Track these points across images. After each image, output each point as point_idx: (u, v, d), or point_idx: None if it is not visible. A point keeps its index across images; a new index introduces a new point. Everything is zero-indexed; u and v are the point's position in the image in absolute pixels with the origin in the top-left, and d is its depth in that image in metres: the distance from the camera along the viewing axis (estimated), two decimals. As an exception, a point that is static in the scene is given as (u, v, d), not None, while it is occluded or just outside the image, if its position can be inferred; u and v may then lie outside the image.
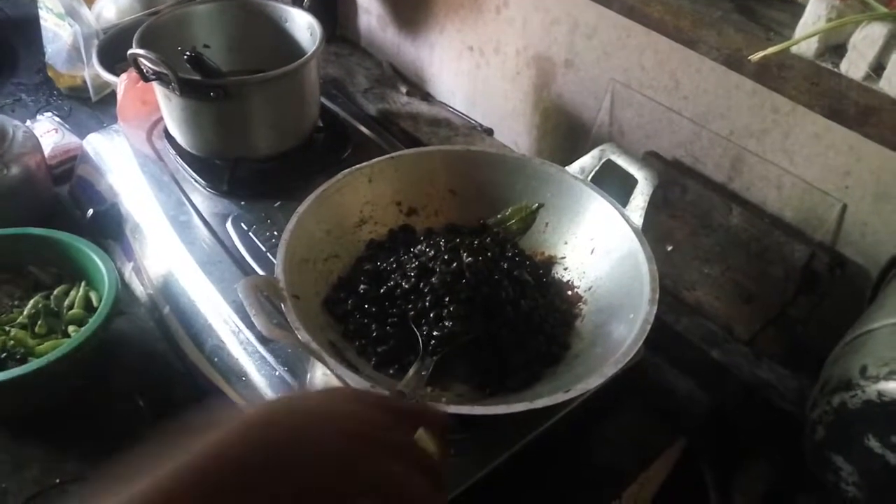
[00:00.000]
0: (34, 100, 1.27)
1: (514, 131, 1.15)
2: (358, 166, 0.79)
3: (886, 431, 0.53)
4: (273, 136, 0.92)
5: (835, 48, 0.64)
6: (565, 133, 1.07)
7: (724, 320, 0.90)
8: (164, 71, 0.80)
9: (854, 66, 0.60)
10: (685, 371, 0.90)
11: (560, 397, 0.58)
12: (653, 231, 0.93)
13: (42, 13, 1.25)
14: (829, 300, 0.82)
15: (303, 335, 0.61)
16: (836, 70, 0.62)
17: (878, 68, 0.60)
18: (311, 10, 0.96)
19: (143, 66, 0.83)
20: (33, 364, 0.72)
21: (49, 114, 1.21)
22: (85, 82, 1.24)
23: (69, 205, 1.04)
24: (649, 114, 0.93)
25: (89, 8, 1.25)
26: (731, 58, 0.70)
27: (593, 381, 0.60)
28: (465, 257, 0.71)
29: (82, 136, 1.06)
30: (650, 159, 0.92)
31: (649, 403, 0.86)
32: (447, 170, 0.82)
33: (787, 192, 0.83)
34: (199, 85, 0.83)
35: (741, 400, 0.86)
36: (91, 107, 1.25)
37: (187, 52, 0.82)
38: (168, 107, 0.90)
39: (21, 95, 1.28)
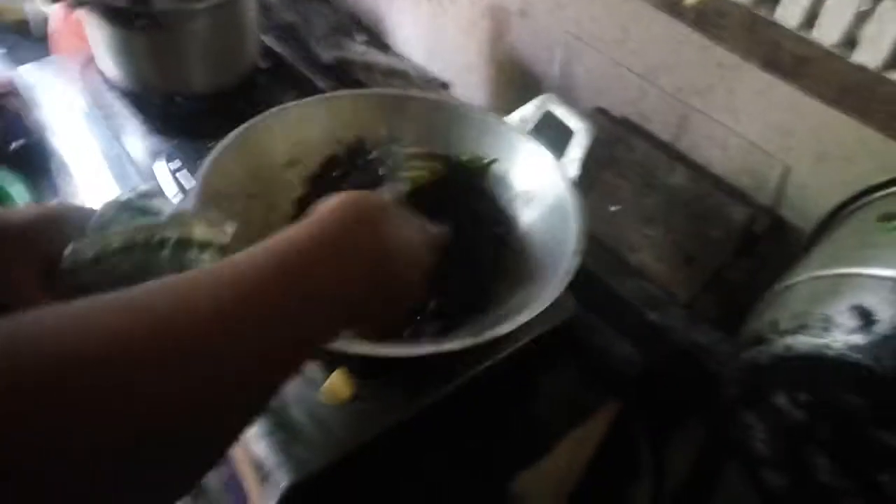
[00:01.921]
0: (-24, 32, 1.22)
1: (470, 85, 1.12)
2: (287, 104, 0.75)
3: (794, 387, 0.51)
4: (207, 72, 0.89)
5: (773, -6, 0.61)
6: (519, 88, 1.04)
7: (665, 283, 0.88)
8: (87, -5, 0.77)
9: (789, 13, 0.58)
10: (623, 333, 0.89)
11: (469, 342, 0.56)
12: (598, 190, 0.92)
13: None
14: (768, 264, 0.81)
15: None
16: (771, 18, 0.60)
17: (812, 17, 0.57)
18: None
19: (67, -9, 0.79)
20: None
21: (-10, 46, 1.17)
22: (31, 16, 1.20)
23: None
24: (599, 68, 0.91)
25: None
26: (672, 4, 0.68)
27: (504, 328, 0.58)
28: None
29: (19, 71, 1.02)
30: (596, 115, 0.89)
31: (584, 364, 0.85)
32: (383, 114, 0.79)
33: (731, 153, 0.81)
34: (126, 13, 0.79)
35: (676, 363, 0.85)
36: (34, 42, 1.20)
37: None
38: (95, 37, 0.86)
39: (-38, 27, 1.24)
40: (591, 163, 0.90)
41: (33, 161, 0.89)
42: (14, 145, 0.86)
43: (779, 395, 0.52)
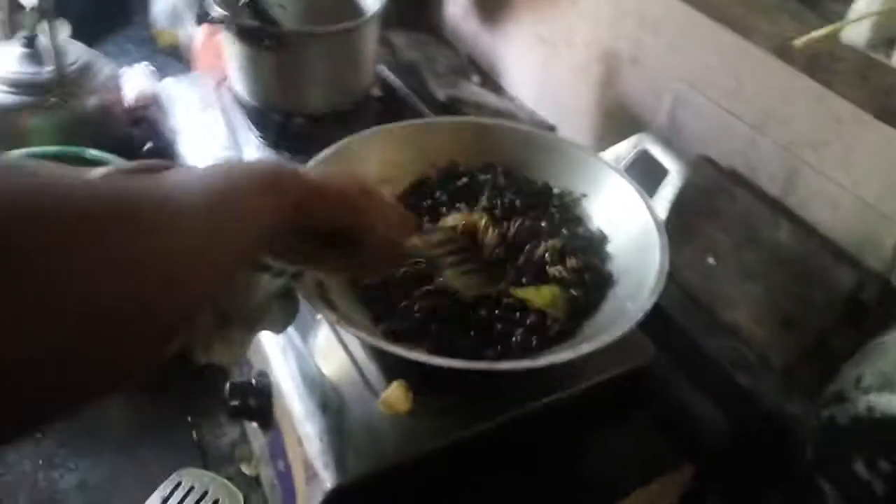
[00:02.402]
0: (137, 51, 1.37)
1: (575, 129, 1.12)
2: (386, 125, 0.78)
3: (874, 453, 0.46)
4: (323, 94, 0.94)
5: (889, 41, 0.57)
6: (626, 133, 1.02)
7: (760, 346, 0.83)
8: (224, 13, 0.84)
9: (907, 56, 0.54)
10: (707, 393, 0.84)
11: (523, 364, 0.55)
12: (696, 240, 0.88)
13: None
14: (875, 335, 0.74)
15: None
16: (888, 63, 0.56)
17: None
18: (405, 1, 0.97)
19: (208, 10, 0.87)
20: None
21: (145, 63, 1.30)
22: (182, 40, 1.33)
23: (137, 142, 1.11)
24: (708, 117, 0.88)
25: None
26: (783, 48, 0.65)
27: (563, 356, 0.56)
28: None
29: (169, 87, 1.13)
30: (700, 163, 0.86)
31: (660, 420, 0.81)
32: (478, 142, 0.81)
33: (843, 212, 0.76)
34: (255, 31, 0.86)
35: (763, 432, 0.79)
36: (184, 62, 1.33)
37: (246, -1, 0.85)
38: (230, 54, 0.94)
39: (128, 46, 1.39)
40: (691, 212, 0.87)
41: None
42: (146, 147, 0.95)
43: (857, 461, 0.47)
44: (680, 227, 0.88)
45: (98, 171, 0.40)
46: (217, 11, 0.86)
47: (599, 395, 0.73)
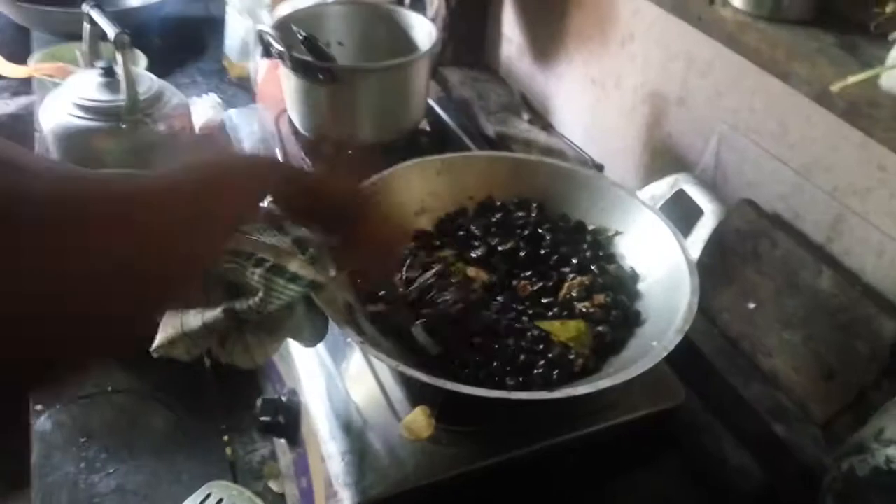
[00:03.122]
0: (207, 82, 1.45)
1: (622, 169, 1.12)
2: (428, 157, 0.81)
3: (892, 508, 0.45)
4: (375, 126, 0.98)
5: (932, 87, 0.57)
6: (671, 174, 1.02)
7: (799, 395, 0.80)
8: (282, 48, 0.89)
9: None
10: (743, 442, 0.81)
11: (540, 395, 0.55)
12: (737, 284, 0.87)
13: (228, 9, 1.43)
14: (920, 390, 0.71)
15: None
16: (928, 109, 0.55)
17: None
18: (461, 37, 1.01)
19: (268, 44, 0.93)
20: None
21: (214, 94, 1.37)
22: (250, 72, 1.40)
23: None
24: (753, 160, 0.87)
25: (272, 10, 1.41)
26: (822, 93, 0.65)
27: (582, 389, 0.56)
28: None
29: (237, 117, 1.19)
30: (743, 206, 0.85)
31: (690, 466, 0.79)
32: (518, 176, 0.82)
33: (888, 261, 0.74)
34: (310, 66, 0.91)
35: (800, 485, 0.76)
36: (250, 94, 1.40)
37: (302, 34, 0.90)
38: (287, 87, 0.99)
39: (197, 77, 1.47)
40: (732, 255, 0.86)
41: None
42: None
43: (876, 517, 0.45)
44: (720, 269, 0.87)
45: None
46: (277, 47, 0.91)
47: (626, 434, 0.72)
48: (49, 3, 1.45)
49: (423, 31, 1.03)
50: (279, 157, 0.70)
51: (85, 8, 0.97)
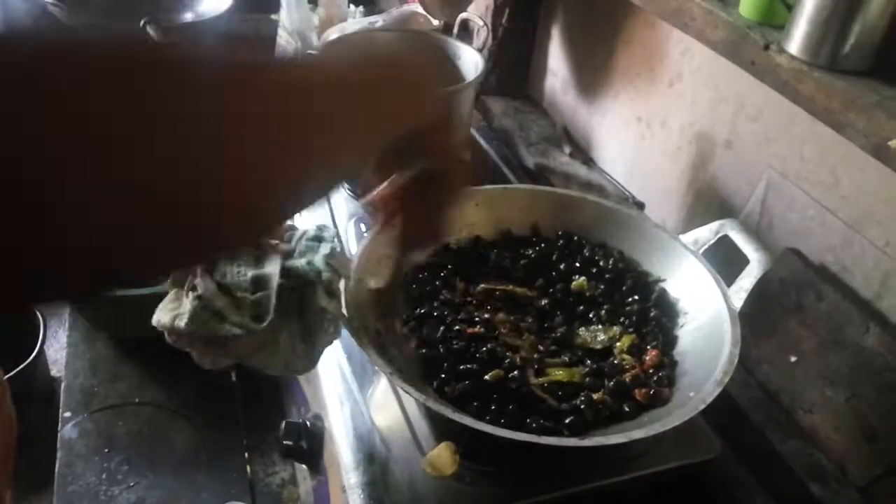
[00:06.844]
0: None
1: (664, 209, 1.10)
2: (467, 188, 0.80)
3: None
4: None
5: None
6: (714, 217, 1.00)
7: (839, 456, 0.77)
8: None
9: None
10: (777, 500, 0.78)
11: (569, 442, 0.54)
12: (778, 336, 0.84)
13: (280, 31, 1.45)
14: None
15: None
16: None
17: None
18: (506, 67, 1.01)
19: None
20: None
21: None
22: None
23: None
24: (801, 209, 0.85)
25: (321, 34, 1.43)
26: (879, 146, 0.62)
27: (613, 439, 0.54)
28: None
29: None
30: (788, 256, 0.83)
31: (722, 521, 0.76)
32: (557, 212, 0.81)
33: (940, 323, 0.71)
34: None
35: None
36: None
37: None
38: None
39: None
40: (775, 305, 0.83)
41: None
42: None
43: None
44: (762, 320, 0.84)
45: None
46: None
47: (656, 485, 0.69)
48: (107, 17, 1.49)
49: (471, 61, 1.03)
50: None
51: (142, 23, 0.99)
